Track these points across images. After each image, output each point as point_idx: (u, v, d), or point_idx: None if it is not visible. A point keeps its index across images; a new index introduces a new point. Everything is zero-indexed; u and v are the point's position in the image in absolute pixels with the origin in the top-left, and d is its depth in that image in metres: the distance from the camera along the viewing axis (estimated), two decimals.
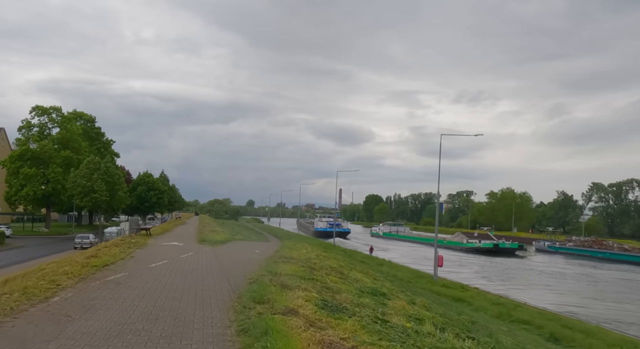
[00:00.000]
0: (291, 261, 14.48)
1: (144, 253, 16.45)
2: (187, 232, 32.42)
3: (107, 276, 10.68)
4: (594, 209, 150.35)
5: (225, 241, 24.68)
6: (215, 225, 49.88)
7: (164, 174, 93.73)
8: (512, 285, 48.36)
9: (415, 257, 69.40)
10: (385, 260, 49.66)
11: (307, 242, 58.96)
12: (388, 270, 38.36)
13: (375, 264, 44.15)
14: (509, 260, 69.00)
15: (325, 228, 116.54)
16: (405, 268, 46.79)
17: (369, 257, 50.88)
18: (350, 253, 51.82)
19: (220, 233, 31.78)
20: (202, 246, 21.38)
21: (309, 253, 18.97)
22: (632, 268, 66.97)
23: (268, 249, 20.46)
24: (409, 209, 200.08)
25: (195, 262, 14.68)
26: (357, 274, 16.69)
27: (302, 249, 20.17)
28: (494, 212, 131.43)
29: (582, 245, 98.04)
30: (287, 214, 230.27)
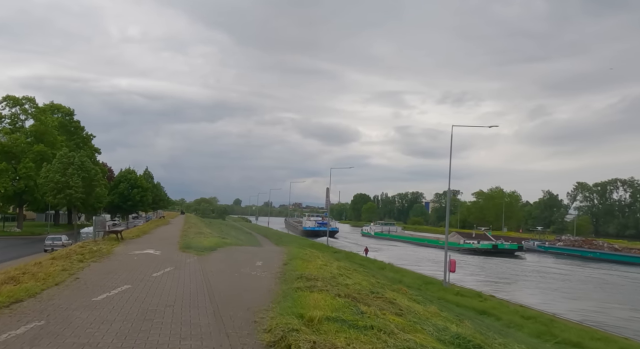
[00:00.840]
0: (317, 285, 9.35)
1: (98, 271, 11.03)
2: (170, 234, 26.85)
3: None
4: (579, 209, 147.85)
5: (215, 247, 19.29)
6: (202, 225, 44.31)
7: (148, 171, 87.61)
8: (519, 289, 43.85)
9: (412, 258, 64.55)
10: (386, 263, 44.69)
11: (306, 245, 53.64)
12: (393, 275, 33.49)
13: (375, 267, 39.15)
14: (508, 261, 64.63)
15: (313, 227, 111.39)
16: (409, 272, 41.85)
17: (367, 259, 45.75)
18: (346, 255, 46.84)
19: (208, 236, 26.31)
20: (186, 255, 16.01)
21: (327, 266, 13.79)
22: (632, 269, 63.25)
23: (272, 260, 15.16)
24: (396, 208, 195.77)
25: (172, 288, 9.36)
26: (402, 299, 11.61)
27: (316, 260, 14.93)
28: (483, 211, 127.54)
29: (572, 245, 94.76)
30: (274, 213, 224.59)
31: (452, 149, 34.74)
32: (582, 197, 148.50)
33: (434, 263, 63.47)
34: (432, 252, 74.02)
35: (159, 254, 15.50)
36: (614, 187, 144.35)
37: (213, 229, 42.08)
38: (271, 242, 56.55)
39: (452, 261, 34.10)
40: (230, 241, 24.69)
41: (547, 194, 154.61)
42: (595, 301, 39.77)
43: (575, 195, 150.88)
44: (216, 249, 18.72)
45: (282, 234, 77.00)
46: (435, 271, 51.88)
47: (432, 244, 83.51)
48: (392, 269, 39.45)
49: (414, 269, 50.62)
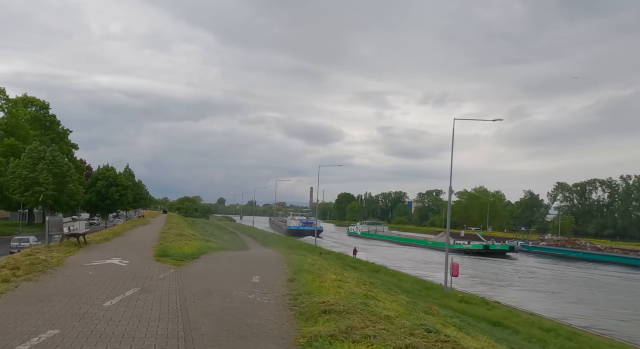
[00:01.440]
0: (354, 325, 5.88)
1: (21, 298, 7.25)
2: (146, 237, 22.93)
3: None
4: (559, 209, 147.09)
5: (198, 253, 15.54)
6: (184, 226, 40.33)
7: (129, 169, 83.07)
8: (518, 292, 40.96)
9: (402, 259, 61.41)
10: (379, 265, 41.36)
11: (294, 246, 49.94)
12: (390, 279, 30.14)
13: (369, 270, 35.77)
14: (500, 262, 61.97)
15: (298, 227, 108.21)
16: (405, 275, 38.56)
17: (358, 261, 42.29)
18: (337, 257, 43.46)
19: (191, 239, 22.48)
20: (161, 266, 12.28)
21: (345, 283, 10.25)
22: (616, 269, 61.33)
23: (271, 273, 11.54)
24: (380, 208, 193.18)
25: (127, 333, 5.67)
26: (451, 331, 8.23)
27: (327, 274, 11.36)
28: (468, 211, 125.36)
29: (556, 245, 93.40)
30: (258, 212, 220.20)
31: (453, 144, 31.61)
32: (563, 197, 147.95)
33: (425, 264, 60.44)
34: (421, 252, 71.21)
35: (126, 266, 11.75)
36: (593, 188, 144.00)
37: (196, 230, 38.17)
38: (257, 243, 52.97)
39: (455, 264, 30.85)
40: (215, 245, 20.89)
41: (529, 195, 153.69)
42: (596, 305, 37.18)
43: (556, 195, 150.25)
44: (199, 256, 14.98)
45: (268, 234, 73.20)
46: (430, 273, 48.77)
47: (420, 245, 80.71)
48: (387, 273, 36.14)
49: (407, 271, 47.45)
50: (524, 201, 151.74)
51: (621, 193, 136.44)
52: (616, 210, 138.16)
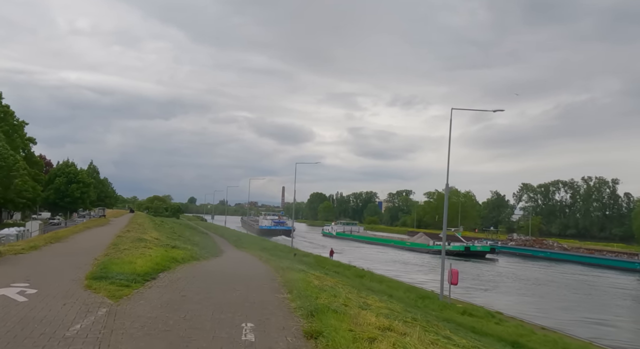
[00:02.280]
0: None
1: None
2: (93, 243, 17.55)
3: None
4: (524, 209, 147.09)
5: (155, 269, 10.52)
6: (149, 226, 34.75)
7: (93, 165, 76.08)
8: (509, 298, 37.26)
9: (382, 261, 57.15)
10: (362, 269, 36.88)
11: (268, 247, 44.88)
12: (379, 287, 25.75)
13: (352, 275, 31.26)
14: (482, 264, 58.58)
15: (270, 226, 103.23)
16: (394, 281, 34.19)
17: (340, 265, 37.50)
18: (316, 260, 38.76)
19: (151, 245, 17.26)
20: (87, 300, 7.21)
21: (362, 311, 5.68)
22: (589, 270, 59.25)
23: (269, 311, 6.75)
24: (351, 208, 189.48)
25: None
26: None
27: (366, 316, 6.68)
28: (438, 210, 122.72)
29: (524, 244, 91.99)
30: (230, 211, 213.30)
31: (450, 134, 27.30)
32: (527, 197, 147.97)
33: (404, 265, 56.37)
34: (399, 254, 67.25)
35: (23, 303, 6.74)
36: (556, 189, 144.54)
37: (162, 232, 32.71)
38: (230, 244, 47.82)
39: (454, 271, 26.56)
40: (182, 254, 15.77)
41: (495, 195, 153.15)
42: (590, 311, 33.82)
43: (521, 195, 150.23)
44: (156, 276, 9.99)
45: (240, 234, 67.85)
46: (416, 277, 44.70)
47: (398, 246, 76.73)
48: (373, 278, 31.70)
49: (390, 274, 43.20)
50: (490, 201, 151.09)
51: (582, 194, 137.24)
52: (577, 210, 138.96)
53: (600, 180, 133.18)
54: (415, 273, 47.50)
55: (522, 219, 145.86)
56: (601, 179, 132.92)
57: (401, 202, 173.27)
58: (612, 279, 51.31)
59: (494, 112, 28.99)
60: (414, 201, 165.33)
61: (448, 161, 28.22)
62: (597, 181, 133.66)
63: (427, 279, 43.88)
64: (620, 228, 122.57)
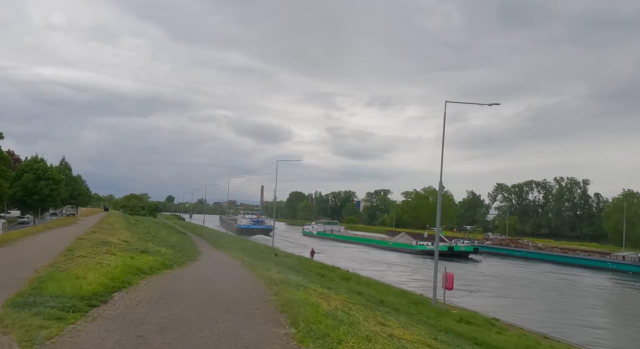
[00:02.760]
0: None
1: None
2: (44, 247, 14.60)
3: None
4: (499, 208, 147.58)
5: (108, 290, 7.93)
6: (121, 226, 31.60)
7: (65, 161, 71.70)
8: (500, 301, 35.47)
9: (366, 262, 54.99)
10: (347, 271, 34.55)
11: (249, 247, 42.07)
12: (368, 291, 23.45)
13: (338, 277, 28.91)
14: (465, 265, 56.89)
15: (248, 225, 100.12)
16: (382, 284, 31.91)
17: (324, 267, 35.08)
18: (299, 261, 36.28)
19: (116, 249, 14.42)
20: None
21: None
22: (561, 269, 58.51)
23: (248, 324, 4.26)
24: (329, 207, 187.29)
25: None
26: None
27: (356, 317, 4.27)
28: (417, 210, 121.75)
29: (500, 244, 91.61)
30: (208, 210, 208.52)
31: (444, 126, 25.23)
32: (502, 197, 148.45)
33: (388, 266, 54.18)
34: (382, 254, 65.12)
35: None
36: (529, 189, 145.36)
37: (135, 232, 29.64)
38: (209, 244, 44.89)
39: (449, 275, 24.37)
40: (152, 261, 13.03)
41: (471, 194, 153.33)
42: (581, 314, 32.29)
43: (496, 195, 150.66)
44: (110, 296, 7.35)
45: (220, 234, 64.67)
46: (399, 279, 42.67)
47: (380, 245, 74.56)
48: (360, 281, 29.39)
49: (375, 275, 41.02)
50: (466, 200, 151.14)
51: (554, 194, 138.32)
52: (550, 210, 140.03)
53: (571, 180, 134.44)
54: (400, 275, 45.45)
55: (497, 219, 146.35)
56: (572, 180, 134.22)
57: (379, 202, 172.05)
58: (588, 279, 50.55)
59: (489, 106, 27.03)
60: (392, 201, 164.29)
61: (442, 156, 26.10)
62: (569, 181, 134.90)
63: (412, 280, 41.95)
64: (591, 228, 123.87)
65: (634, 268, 55.96)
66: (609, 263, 61.12)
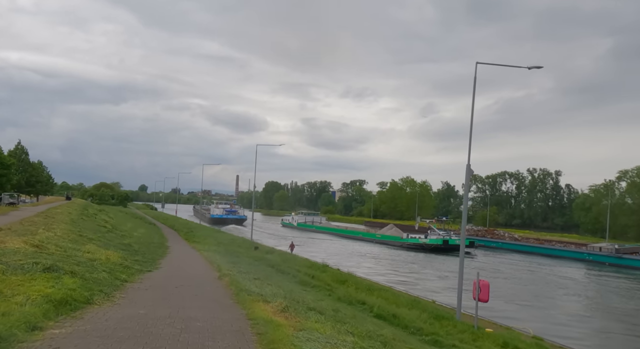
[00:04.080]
0: None
1: None
2: None
3: None
4: (473, 199, 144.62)
5: None
6: (65, 219, 24.34)
7: (21, 145, 62.70)
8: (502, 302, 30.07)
9: (354, 257, 48.91)
10: (342, 272, 28.26)
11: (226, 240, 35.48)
12: (371, 299, 17.43)
13: (332, 280, 22.70)
14: (465, 260, 50.68)
15: (221, 215, 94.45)
16: (385, 289, 25.82)
17: (313, 266, 28.62)
18: (282, 258, 29.98)
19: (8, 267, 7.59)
20: None
21: None
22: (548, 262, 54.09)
23: None
24: (305, 197, 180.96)
25: None
26: None
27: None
28: (395, 201, 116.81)
29: (476, 234, 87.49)
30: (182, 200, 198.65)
31: (474, 93, 19.04)
32: (476, 188, 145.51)
33: (377, 261, 48.07)
34: (369, 247, 58.68)
35: None
36: (502, 179, 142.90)
37: (79, 227, 22.56)
38: (180, 237, 38.22)
39: (484, 283, 18.21)
40: (56, 294, 6.42)
41: (446, 185, 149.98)
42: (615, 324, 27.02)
43: (469, 186, 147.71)
44: None
45: (192, 225, 57.46)
46: (396, 278, 36.82)
47: (367, 238, 68.29)
48: (359, 285, 23.23)
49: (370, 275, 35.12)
50: (441, 191, 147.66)
51: (527, 185, 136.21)
52: (522, 201, 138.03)
53: (544, 172, 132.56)
54: (397, 273, 39.40)
55: (470, 209, 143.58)
56: (545, 171, 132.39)
57: (355, 192, 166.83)
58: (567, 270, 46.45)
59: (529, 70, 21.61)
60: (368, 191, 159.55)
61: (471, 127, 20.03)
62: (541, 172, 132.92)
63: (415, 280, 36.04)
64: (562, 218, 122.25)
65: (611, 259, 52.39)
66: (585, 254, 57.75)
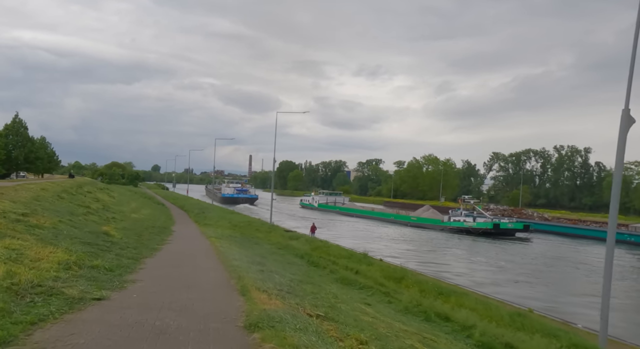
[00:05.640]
0: None
1: None
2: None
3: None
4: (495, 178, 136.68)
5: None
6: (33, 195, 17.59)
7: (19, 118, 56.62)
8: None
9: (388, 243, 41.94)
10: (392, 265, 21.31)
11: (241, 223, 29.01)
12: (454, 313, 10.08)
13: (382, 276, 15.82)
14: (517, 246, 42.04)
15: (232, 194, 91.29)
16: (459, 290, 18.89)
17: (352, 256, 21.38)
18: (309, 242, 23.26)
19: None
20: None
21: None
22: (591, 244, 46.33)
23: None
24: (320, 177, 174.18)
25: None
26: None
27: None
28: (417, 180, 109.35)
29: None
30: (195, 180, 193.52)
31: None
32: (498, 167, 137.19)
33: (418, 249, 40.70)
34: (405, 232, 49.52)
35: None
36: (527, 158, 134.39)
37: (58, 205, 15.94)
38: (190, 219, 31.95)
39: None
40: None
41: (466, 164, 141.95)
42: None
43: (491, 165, 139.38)
44: None
45: (204, 206, 51.12)
46: (459, 269, 30.00)
47: (399, 221, 60.06)
48: (421, 284, 16.20)
49: (422, 268, 28.23)
50: (461, 170, 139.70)
51: (554, 163, 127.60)
52: (547, 180, 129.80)
53: (572, 149, 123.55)
54: (453, 264, 31.83)
55: (491, 189, 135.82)
56: (573, 148, 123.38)
57: (371, 172, 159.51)
58: None
59: None
60: (384, 171, 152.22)
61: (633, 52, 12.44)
62: (569, 149, 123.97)
63: (466, 271, 28.67)
64: (591, 198, 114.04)
65: None
66: (626, 235, 50.09)
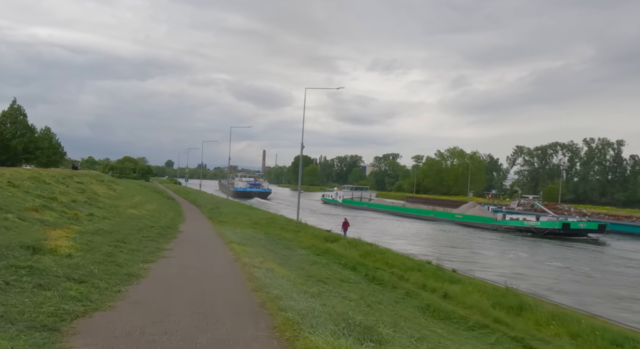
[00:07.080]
0: None
1: None
2: None
3: None
4: (519, 173, 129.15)
5: None
6: None
7: (17, 105, 51.70)
8: None
9: (435, 244, 35.72)
10: (478, 279, 14.68)
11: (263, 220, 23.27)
12: None
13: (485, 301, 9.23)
14: (594, 250, 34.76)
15: (245, 188, 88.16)
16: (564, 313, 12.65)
17: (412, 268, 14.94)
18: (357, 246, 16.99)
19: None
20: None
21: None
22: None
23: None
24: (335, 172, 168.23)
25: None
26: None
27: None
28: (441, 174, 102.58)
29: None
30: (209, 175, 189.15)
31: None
32: (522, 161, 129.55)
33: (474, 252, 33.89)
34: (452, 232, 42.23)
35: None
36: (553, 151, 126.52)
37: None
38: (204, 215, 26.50)
39: None
40: None
41: (488, 158, 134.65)
42: None
43: (515, 159, 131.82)
44: None
45: (219, 200, 45.56)
46: (538, 280, 23.60)
47: (440, 218, 53.48)
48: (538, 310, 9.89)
49: (498, 278, 22.05)
50: (483, 164, 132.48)
51: (583, 156, 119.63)
52: (575, 174, 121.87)
53: (603, 141, 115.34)
54: (529, 273, 25.31)
55: (516, 183, 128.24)
56: (605, 141, 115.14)
57: (388, 167, 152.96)
58: None
59: None
60: (401, 166, 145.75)
61: None
62: (600, 142, 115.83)
63: (549, 284, 22.55)
64: (624, 193, 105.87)
65: None
66: None
